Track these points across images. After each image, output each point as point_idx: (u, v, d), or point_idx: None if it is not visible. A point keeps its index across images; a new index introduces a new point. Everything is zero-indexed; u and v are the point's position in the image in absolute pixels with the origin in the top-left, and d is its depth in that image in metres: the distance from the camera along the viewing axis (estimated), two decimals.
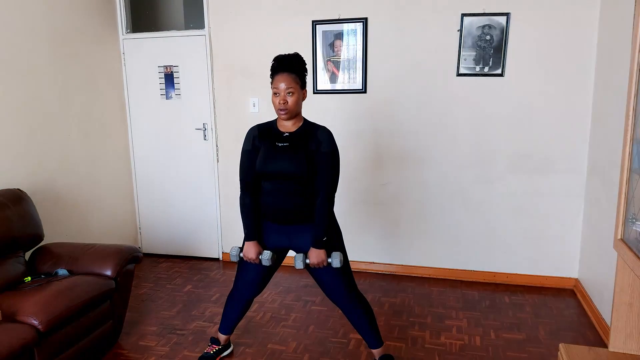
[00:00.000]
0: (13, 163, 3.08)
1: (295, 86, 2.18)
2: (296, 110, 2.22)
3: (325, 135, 2.25)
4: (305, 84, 2.26)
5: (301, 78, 2.23)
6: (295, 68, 2.21)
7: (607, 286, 2.87)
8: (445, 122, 3.59)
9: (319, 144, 2.22)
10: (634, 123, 1.56)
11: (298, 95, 2.20)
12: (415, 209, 3.77)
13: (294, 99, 2.18)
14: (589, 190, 3.35)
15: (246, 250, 2.34)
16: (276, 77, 2.19)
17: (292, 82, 2.17)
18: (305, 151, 2.22)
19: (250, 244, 2.33)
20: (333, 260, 2.23)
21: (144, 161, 4.29)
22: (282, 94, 2.17)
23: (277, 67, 2.21)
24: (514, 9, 3.33)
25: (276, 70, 2.21)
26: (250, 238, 2.33)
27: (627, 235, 1.58)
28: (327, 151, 2.22)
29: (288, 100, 2.17)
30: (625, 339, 1.68)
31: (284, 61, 2.21)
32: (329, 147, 2.23)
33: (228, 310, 2.59)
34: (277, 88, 2.17)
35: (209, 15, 3.92)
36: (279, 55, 2.24)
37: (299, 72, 2.22)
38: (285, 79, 2.17)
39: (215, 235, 4.27)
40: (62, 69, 3.48)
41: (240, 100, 3.98)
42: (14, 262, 2.65)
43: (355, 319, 2.42)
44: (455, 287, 3.64)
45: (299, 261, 2.25)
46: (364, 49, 3.63)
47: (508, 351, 2.73)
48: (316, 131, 2.26)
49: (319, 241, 2.24)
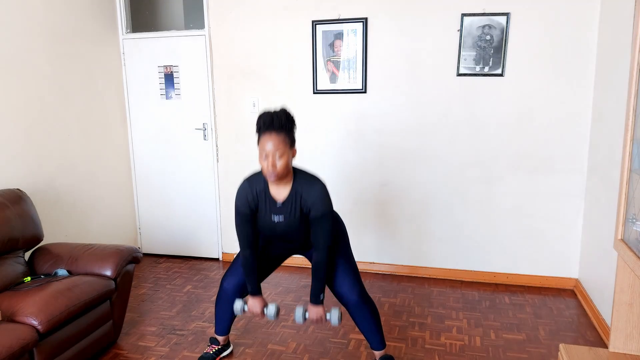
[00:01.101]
0: (13, 163, 3.08)
1: (284, 148, 2.05)
2: (286, 172, 2.11)
3: (316, 197, 2.14)
4: (294, 142, 2.13)
5: (290, 136, 2.10)
6: (283, 127, 2.06)
7: (607, 286, 2.87)
8: (445, 122, 3.59)
9: (309, 209, 2.16)
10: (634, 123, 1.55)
11: (288, 156, 2.07)
12: (415, 209, 3.77)
13: (284, 162, 2.06)
14: (589, 191, 3.35)
15: (251, 305, 2.36)
16: (263, 138, 2.06)
17: (280, 144, 2.04)
18: (301, 216, 2.20)
19: (256, 299, 2.35)
20: (332, 317, 2.28)
21: (144, 161, 4.29)
22: (270, 158, 2.04)
23: (263, 126, 2.06)
24: (514, 9, 3.33)
25: (262, 130, 2.07)
26: (255, 293, 2.35)
27: (627, 236, 1.58)
28: (319, 215, 2.15)
29: (277, 164, 2.05)
30: (625, 339, 1.68)
31: (272, 120, 2.06)
32: (320, 210, 2.15)
33: (219, 313, 2.59)
34: (264, 149, 2.05)
35: (209, 15, 3.92)
36: (265, 112, 2.09)
37: (288, 130, 2.08)
38: (273, 140, 2.03)
39: (215, 235, 4.27)
40: (62, 69, 3.47)
41: (240, 100, 3.98)
42: (14, 262, 2.65)
43: (362, 321, 2.41)
44: (455, 287, 3.64)
45: (299, 315, 2.30)
46: (364, 49, 3.63)
47: (508, 351, 2.73)
48: (308, 193, 2.15)
49: (317, 298, 2.27)
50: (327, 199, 2.17)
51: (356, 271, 2.40)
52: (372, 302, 2.43)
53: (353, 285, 2.35)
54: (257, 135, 2.11)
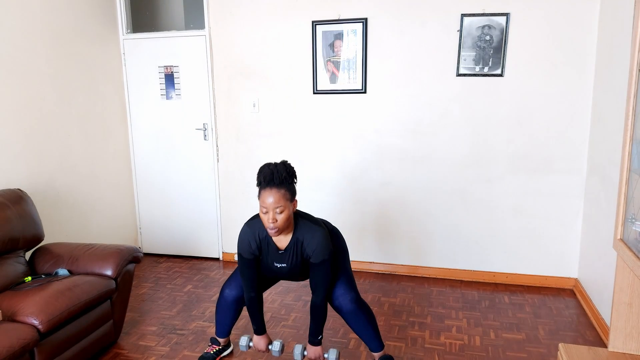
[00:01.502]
0: (13, 163, 3.09)
1: (284, 203, 2.06)
2: (287, 225, 2.12)
3: (317, 245, 2.17)
4: (295, 195, 2.14)
5: (290, 191, 2.10)
6: (283, 182, 2.08)
7: (606, 286, 2.88)
8: (445, 122, 3.59)
9: (310, 256, 2.21)
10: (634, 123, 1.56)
11: (288, 211, 2.09)
12: (415, 209, 3.77)
13: (284, 217, 2.07)
14: (588, 190, 3.36)
15: (256, 342, 2.40)
16: (263, 193, 2.07)
17: (281, 199, 2.05)
18: (302, 262, 2.26)
19: (260, 338, 2.40)
20: (329, 357, 2.32)
21: (144, 161, 4.30)
22: (271, 213, 2.06)
23: (263, 182, 2.08)
24: (513, 9, 3.33)
25: (263, 186, 2.08)
26: (260, 332, 2.40)
27: (626, 236, 1.58)
28: (319, 262, 2.19)
29: (278, 219, 2.06)
30: (624, 338, 1.69)
31: (271, 177, 2.07)
32: (320, 257, 2.19)
33: (219, 317, 2.61)
34: (265, 204, 2.06)
35: (209, 16, 3.92)
36: (265, 167, 2.10)
37: (288, 184, 2.10)
38: (274, 195, 2.04)
39: (215, 235, 4.27)
40: (62, 69, 3.48)
41: (240, 100, 3.98)
42: (14, 262, 2.65)
43: (359, 327, 2.42)
44: (455, 287, 3.64)
45: (298, 353, 2.34)
46: (364, 49, 3.63)
47: (508, 351, 2.73)
48: (309, 241, 2.18)
49: (315, 339, 2.31)
50: (327, 246, 2.20)
51: (351, 279, 2.42)
52: (368, 306, 2.43)
53: (347, 293, 2.36)
54: (258, 190, 2.13)
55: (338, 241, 2.46)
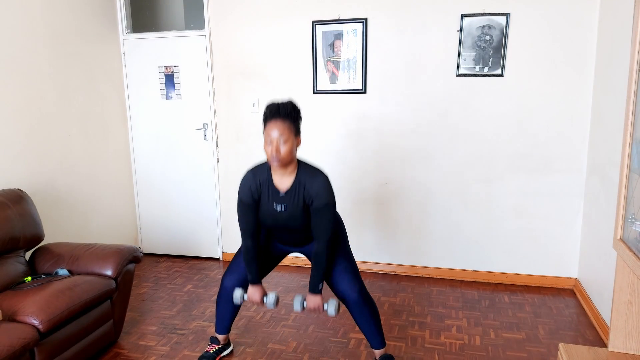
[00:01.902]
0: (13, 163, 3.09)
1: (289, 134, 2.10)
2: (290, 158, 2.14)
3: (320, 187, 2.17)
4: (299, 132, 2.18)
5: (295, 125, 2.15)
6: (289, 115, 2.12)
7: (606, 286, 2.88)
8: (445, 122, 3.59)
9: (313, 199, 2.18)
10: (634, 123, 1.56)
11: (292, 143, 2.11)
12: (415, 209, 3.78)
13: (288, 148, 2.10)
14: (588, 190, 3.36)
15: (251, 293, 2.37)
16: (269, 125, 2.11)
17: (285, 130, 2.09)
18: (303, 207, 2.23)
19: (255, 288, 2.37)
20: (329, 308, 2.29)
21: (144, 161, 4.30)
22: (275, 143, 2.08)
23: (269, 114, 2.12)
24: (513, 9, 3.33)
25: (269, 118, 2.12)
26: (255, 282, 2.37)
27: (626, 235, 1.58)
28: (322, 206, 2.18)
29: (281, 149, 2.08)
30: (624, 338, 1.69)
31: (277, 109, 2.12)
32: (323, 201, 2.17)
33: (220, 311, 2.60)
34: (269, 136, 2.09)
35: (209, 16, 3.92)
36: (272, 102, 2.16)
37: (293, 119, 2.14)
38: (279, 126, 2.08)
39: (215, 235, 4.27)
40: (62, 69, 3.48)
41: (240, 100, 3.98)
42: (15, 262, 2.65)
43: (362, 320, 2.42)
44: (455, 286, 3.64)
45: (297, 304, 2.31)
46: (364, 49, 3.63)
47: (508, 351, 2.73)
48: (311, 184, 2.18)
49: (316, 288, 2.29)
50: (330, 191, 2.20)
51: (356, 269, 2.41)
52: (372, 301, 2.43)
53: (353, 284, 2.36)
54: (263, 125, 2.15)
55: (338, 225, 2.45)
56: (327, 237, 2.22)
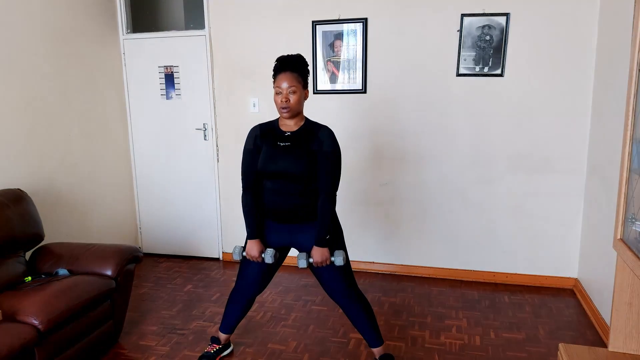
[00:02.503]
0: (13, 163, 3.09)
1: (297, 85, 2.20)
2: (298, 108, 2.24)
3: (327, 134, 2.26)
4: (307, 84, 2.28)
5: (304, 78, 2.25)
6: (297, 67, 2.23)
7: (606, 286, 2.88)
8: (445, 122, 3.59)
9: (320, 144, 2.23)
10: (634, 123, 1.56)
11: (300, 93, 2.22)
12: (415, 209, 3.77)
13: (296, 98, 2.20)
14: (588, 190, 3.36)
15: (249, 248, 2.35)
16: (279, 76, 2.22)
17: (294, 81, 2.19)
18: (307, 150, 2.23)
19: (253, 242, 2.34)
20: (336, 259, 2.25)
21: (144, 161, 4.30)
22: (284, 92, 2.19)
23: (279, 66, 2.23)
24: (513, 9, 3.33)
25: (279, 70, 2.23)
26: (253, 236, 2.35)
27: (626, 235, 1.58)
28: (329, 150, 2.23)
29: (290, 99, 2.19)
30: (624, 338, 1.68)
31: (287, 61, 2.24)
32: (330, 146, 2.23)
33: (230, 310, 2.60)
34: (279, 87, 2.20)
35: (209, 16, 3.92)
36: (282, 55, 2.27)
37: (302, 71, 2.25)
38: (288, 77, 2.19)
39: (216, 235, 4.27)
40: (62, 69, 3.48)
41: (240, 100, 3.98)
42: (15, 262, 2.65)
43: (355, 317, 2.43)
44: (455, 286, 3.64)
45: (302, 260, 2.26)
46: (364, 49, 3.63)
47: (508, 351, 2.73)
48: (318, 130, 2.27)
49: (322, 239, 2.25)
50: (337, 142, 2.27)
51: (348, 269, 2.40)
52: (364, 298, 2.44)
53: (346, 284, 2.36)
54: (273, 78, 2.24)
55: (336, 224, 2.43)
56: (332, 187, 2.25)
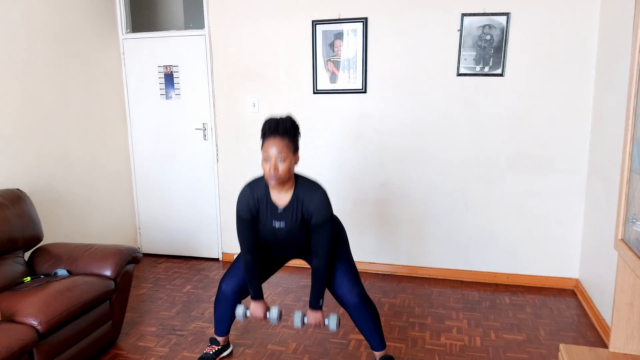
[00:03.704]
0: (12, 163, 3.08)
1: (287, 152, 2.07)
2: (287, 177, 2.11)
3: (318, 203, 2.16)
4: (297, 148, 2.16)
5: (294, 142, 2.12)
6: (288, 132, 2.09)
7: (607, 286, 2.87)
8: (445, 122, 3.59)
9: (310, 216, 2.18)
10: (634, 123, 1.55)
11: (290, 161, 2.08)
12: (415, 209, 3.77)
13: (286, 166, 2.07)
14: (589, 191, 3.35)
15: (253, 309, 2.37)
16: (267, 142, 2.08)
17: (284, 148, 2.06)
18: (302, 222, 2.22)
19: (257, 304, 2.36)
20: (330, 323, 2.29)
21: (143, 161, 4.29)
22: (272, 161, 2.05)
23: (268, 131, 2.09)
24: (514, 9, 3.32)
25: (267, 134, 2.09)
26: (257, 297, 2.36)
27: (627, 236, 1.58)
28: (320, 222, 2.17)
29: (279, 168, 2.06)
30: (625, 339, 1.68)
31: (276, 125, 2.08)
32: (321, 217, 2.16)
33: (218, 314, 2.59)
34: (267, 153, 2.06)
35: (209, 15, 3.92)
36: (270, 118, 2.13)
37: (292, 136, 2.11)
38: (277, 143, 2.05)
39: (215, 235, 4.26)
40: (61, 69, 3.47)
41: (240, 100, 3.98)
42: (13, 262, 2.65)
43: (362, 323, 2.40)
44: (455, 287, 3.63)
45: (298, 319, 2.31)
46: (364, 49, 3.63)
47: (508, 352, 2.72)
48: (309, 200, 2.16)
49: (316, 304, 2.28)
50: (328, 206, 2.19)
51: (356, 273, 2.40)
52: (372, 303, 2.43)
53: (353, 287, 2.35)
54: (261, 140, 2.12)
55: (339, 230, 2.45)
56: (326, 253, 2.21)
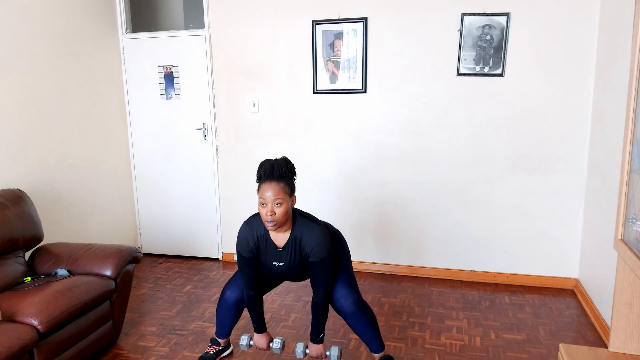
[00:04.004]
0: (13, 163, 3.08)
1: (283, 196, 2.07)
2: (284, 220, 2.12)
3: (316, 243, 2.18)
4: (294, 190, 2.17)
5: (290, 185, 2.13)
6: (283, 176, 2.10)
7: (607, 286, 2.87)
8: (445, 122, 3.59)
9: (309, 254, 2.20)
10: (634, 123, 1.55)
11: (287, 205, 2.09)
12: (415, 209, 3.77)
13: (283, 210, 2.08)
14: (589, 191, 3.35)
15: (257, 341, 2.41)
16: (263, 186, 2.09)
17: (280, 192, 2.07)
18: (301, 261, 2.25)
19: (261, 336, 2.41)
20: (331, 355, 2.33)
21: (143, 161, 4.29)
22: (269, 205, 2.06)
23: (263, 175, 2.11)
24: (514, 9, 3.33)
25: (262, 179, 2.11)
26: (260, 330, 2.40)
27: (627, 236, 1.58)
28: (318, 261, 2.19)
29: (276, 212, 2.07)
30: (625, 339, 1.68)
31: (272, 170, 2.10)
32: (319, 256, 2.18)
33: (220, 318, 2.60)
34: (263, 198, 2.07)
35: (209, 15, 3.92)
36: (265, 161, 2.14)
37: (287, 179, 2.12)
38: (273, 188, 2.06)
39: (215, 235, 4.27)
40: (62, 69, 3.47)
41: (240, 100, 3.98)
42: (14, 262, 2.65)
43: (359, 328, 2.41)
44: (455, 287, 3.64)
45: (300, 352, 2.34)
46: (364, 49, 3.63)
47: (508, 351, 2.73)
48: (307, 239, 2.18)
49: (318, 337, 2.32)
50: (327, 244, 2.20)
51: (353, 281, 2.41)
52: (369, 308, 2.43)
53: (349, 295, 2.35)
54: (257, 184, 2.16)
55: (339, 242, 2.46)
56: (324, 289, 2.25)
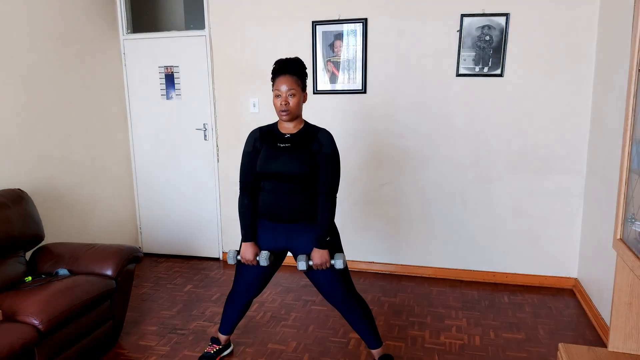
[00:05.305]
0: (13, 163, 3.09)
1: (296, 88, 2.22)
2: (297, 111, 2.26)
3: (326, 137, 2.29)
4: (305, 87, 2.31)
5: (302, 80, 2.28)
6: (296, 71, 2.25)
7: (606, 286, 2.88)
8: (445, 122, 3.59)
9: (320, 145, 2.26)
10: (634, 123, 1.56)
11: (299, 96, 2.24)
12: (415, 209, 3.78)
13: (296, 101, 2.22)
14: (588, 190, 3.36)
15: (243, 251, 2.35)
16: (278, 79, 2.24)
17: (293, 84, 2.22)
18: (307, 151, 2.25)
19: (248, 245, 2.35)
20: (336, 262, 2.23)
21: (144, 161, 4.30)
22: (283, 96, 2.21)
23: (278, 69, 2.25)
24: (513, 9, 3.33)
25: (277, 73, 2.25)
26: (248, 239, 2.35)
27: (626, 235, 1.59)
28: (329, 152, 2.25)
29: (290, 102, 2.21)
30: (624, 338, 1.69)
31: (286, 64, 2.26)
32: (330, 148, 2.26)
33: (228, 311, 2.60)
34: (278, 90, 2.22)
35: (209, 16, 3.92)
36: (280, 58, 2.30)
37: (300, 74, 2.27)
38: (287, 80, 2.21)
39: (216, 235, 4.27)
40: (62, 69, 3.48)
41: (240, 100, 3.98)
42: (15, 262, 2.66)
43: (353, 320, 2.43)
44: (454, 286, 3.64)
45: (302, 262, 2.24)
46: (363, 50, 3.63)
47: (507, 351, 2.73)
48: (317, 132, 2.30)
49: (322, 241, 2.25)
50: (336, 145, 2.31)
51: (346, 272, 2.38)
52: (363, 301, 2.44)
53: (343, 288, 2.36)
54: (272, 81, 2.27)
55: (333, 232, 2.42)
56: (330, 189, 2.27)
